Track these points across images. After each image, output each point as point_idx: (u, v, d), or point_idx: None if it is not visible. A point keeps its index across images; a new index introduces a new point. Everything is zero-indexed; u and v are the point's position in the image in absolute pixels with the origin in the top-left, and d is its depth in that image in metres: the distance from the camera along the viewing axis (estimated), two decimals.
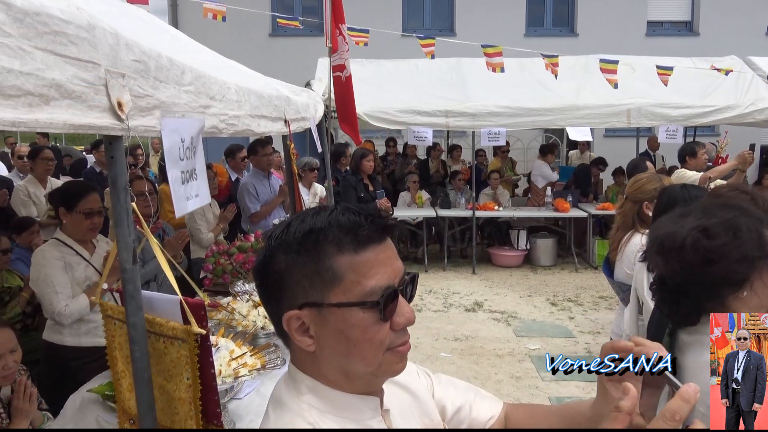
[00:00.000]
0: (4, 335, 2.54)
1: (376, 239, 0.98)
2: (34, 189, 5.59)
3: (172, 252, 4.05)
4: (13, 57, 1.04)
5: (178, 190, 1.72)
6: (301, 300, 0.97)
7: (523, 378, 5.10)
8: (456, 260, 9.37)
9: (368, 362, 0.98)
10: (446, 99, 8.41)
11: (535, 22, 14.17)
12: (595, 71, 7.96)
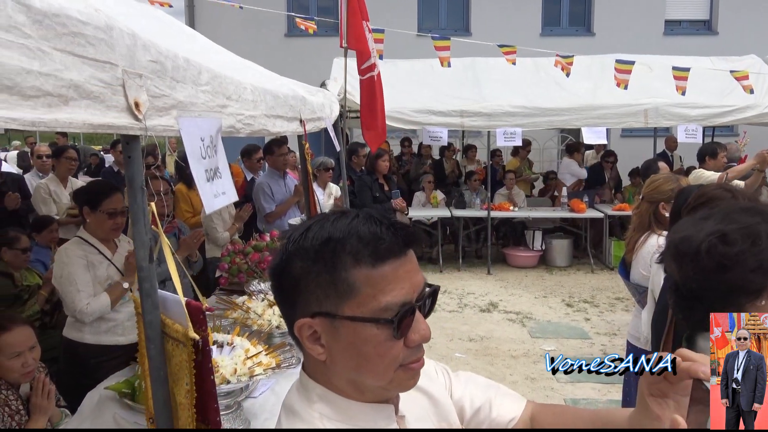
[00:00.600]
0: (24, 333, 2.57)
1: (397, 253, 0.93)
2: (55, 187, 5.66)
3: (188, 251, 4.09)
4: (33, 58, 1.05)
5: (205, 188, 1.73)
6: (314, 308, 0.94)
7: (538, 379, 5.07)
8: (471, 260, 9.34)
9: (379, 377, 0.96)
10: (461, 99, 8.38)
11: (552, 22, 14.08)
12: (612, 71, 7.90)
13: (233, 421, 2.37)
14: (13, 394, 2.53)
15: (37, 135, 16.79)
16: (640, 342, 3.20)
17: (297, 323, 0.96)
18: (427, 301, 0.98)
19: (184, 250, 4.07)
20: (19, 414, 2.51)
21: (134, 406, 2.54)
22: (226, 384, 2.24)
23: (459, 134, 12.03)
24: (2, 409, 2.45)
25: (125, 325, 3.25)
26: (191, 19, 13.45)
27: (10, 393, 2.52)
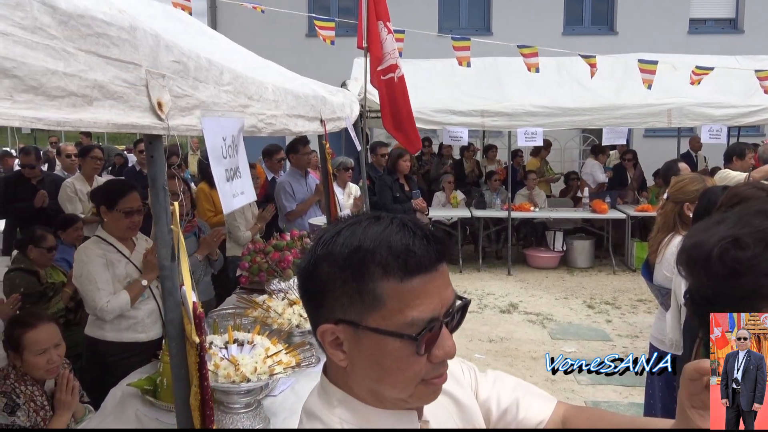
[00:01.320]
0: (49, 330, 2.61)
1: (427, 267, 0.90)
2: (81, 186, 5.74)
3: (208, 250, 4.12)
4: (58, 59, 1.07)
5: (224, 187, 1.74)
6: (338, 315, 0.92)
7: (559, 381, 5.03)
8: (491, 261, 9.30)
9: (399, 390, 0.93)
10: (482, 99, 8.34)
11: (574, 21, 13.96)
12: (635, 70, 7.81)
13: (253, 419, 2.38)
14: (38, 390, 2.57)
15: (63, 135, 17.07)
16: (665, 345, 3.15)
17: (320, 328, 0.94)
18: (456, 316, 0.95)
19: (204, 249, 4.10)
20: (43, 409, 2.55)
21: (156, 403, 2.56)
22: (246, 382, 2.25)
23: (480, 134, 11.97)
24: (28, 405, 2.49)
25: (145, 323, 3.29)
26: (213, 21, 13.57)
27: (35, 389, 2.56)
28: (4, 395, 2.46)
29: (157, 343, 3.29)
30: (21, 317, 2.71)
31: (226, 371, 2.24)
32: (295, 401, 2.62)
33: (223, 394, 2.33)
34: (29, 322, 2.59)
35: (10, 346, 2.56)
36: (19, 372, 2.56)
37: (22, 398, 2.49)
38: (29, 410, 2.49)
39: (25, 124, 0.99)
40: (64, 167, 6.82)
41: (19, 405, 2.46)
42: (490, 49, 8.05)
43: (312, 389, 1.06)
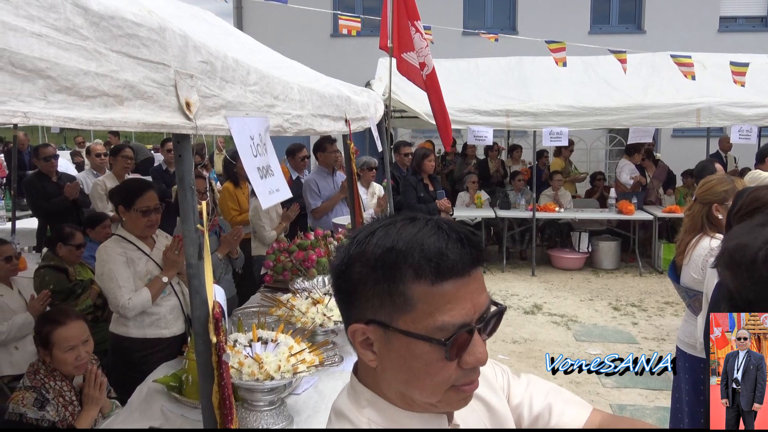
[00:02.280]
0: (78, 327, 2.65)
1: (460, 271, 0.88)
2: (112, 184, 5.83)
3: (228, 248, 4.16)
4: (90, 59, 1.08)
5: (260, 185, 1.75)
6: (369, 315, 0.92)
7: (583, 384, 4.98)
8: (515, 262, 9.24)
9: (428, 395, 0.92)
10: (507, 98, 8.29)
11: (601, 20, 13.80)
12: (663, 69, 7.71)
13: (276, 417, 2.40)
14: (67, 385, 2.61)
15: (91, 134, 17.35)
16: (696, 350, 3.08)
17: (351, 327, 0.94)
18: (489, 322, 0.93)
19: (225, 248, 4.14)
20: (72, 404, 2.59)
21: (181, 400, 2.59)
22: (270, 380, 2.26)
23: (504, 134, 11.91)
24: (57, 400, 2.53)
25: (167, 319, 3.33)
26: (239, 21, 13.69)
27: (64, 384, 2.60)
28: (34, 390, 2.51)
29: (180, 339, 3.33)
30: (50, 314, 2.75)
31: (251, 369, 2.26)
32: (318, 400, 2.63)
33: (247, 392, 2.35)
34: (58, 319, 2.63)
35: (40, 342, 2.61)
36: (48, 368, 2.60)
37: (51, 393, 2.54)
38: (58, 405, 2.53)
39: (58, 123, 1.01)
40: (93, 166, 6.93)
41: (48, 400, 2.50)
42: (514, 48, 8.00)
43: (342, 389, 1.06)
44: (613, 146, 13.12)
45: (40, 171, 6.14)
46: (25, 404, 2.45)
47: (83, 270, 4.38)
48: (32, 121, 0.95)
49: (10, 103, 0.91)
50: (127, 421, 2.51)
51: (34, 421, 2.43)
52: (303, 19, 9.82)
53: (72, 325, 2.62)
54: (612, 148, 13.22)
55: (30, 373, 2.60)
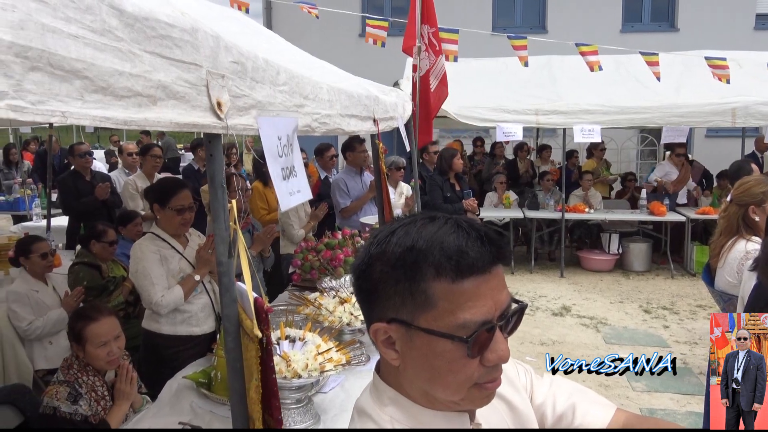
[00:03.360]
0: (110, 323, 2.70)
1: (481, 269, 0.89)
2: (142, 183, 5.93)
3: (261, 246, 4.19)
4: (125, 60, 1.10)
5: (281, 186, 1.76)
6: (390, 314, 0.92)
7: (613, 387, 4.91)
8: (543, 263, 9.15)
9: (450, 393, 0.92)
10: (536, 98, 8.21)
11: (633, 18, 13.59)
12: (696, 68, 7.54)
13: (303, 415, 2.42)
14: (99, 380, 2.66)
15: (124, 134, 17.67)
16: None
17: (373, 326, 0.95)
18: (511, 320, 0.93)
19: (258, 246, 4.18)
20: (104, 399, 2.64)
21: (210, 396, 2.63)
22: (298, 378, 2.28)
23: (533, 134, 11.80)
24: (89, 394, 2.58)
25: (199, 317, 3.37)
26: (268, 21, 13.80)
27: (96, 379, 2.65)
28: (67, 384, 2.56)
29: (210, 337, 3.37)
30: (83, 311, 2.80)
31: (278, 367, 2.27)
32: (345, 399, 2.64)
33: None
34: (91, 315, 2.69)
35: (74, 338, 2.66)
36: (81, 363, 2.65)
37: (84, 388, 2.59)
38: (91, 399, 2.58)
39: (94, 123, 1.03)
40: (126, 165, 7.05)
41: (81, 394, 2.55)
42: (544, 47, 7.92)
43: (365, 387, 1.06)
44: (644, 146, 12.92)
45: (74, 169, 6.27)
46: (59, 398, 2.51)
47: (116, 267, 4.46)
48: (69, 120, 0.97)
49: (49, 102, 0.93)
50: (158, 416, 2.55)
51: (68, 415, 2.48)
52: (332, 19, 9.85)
53: (104, 321, 2.67)
54: (643, 148, 13.01)
55: (64, 368, 2.66)
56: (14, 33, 0.85)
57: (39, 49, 0.90)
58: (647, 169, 12.01)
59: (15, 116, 0.86)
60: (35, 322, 3.76)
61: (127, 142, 11.26)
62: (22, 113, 0.87)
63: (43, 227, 6.50)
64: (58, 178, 6.34)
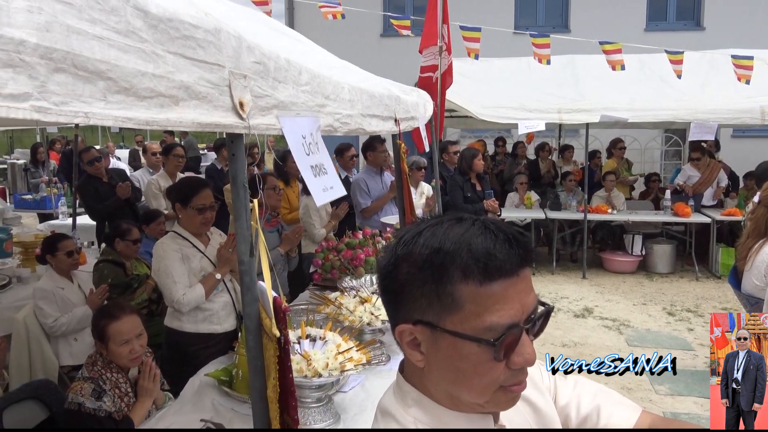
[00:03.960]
0: (131, 321, 2.72)
1: (508, 272, 0.88)
2: (165, 183, 5.99)
3: (289, 246, 4.21)
4: (148, 61, 1.11)
5: (313, 182, 1.77)
6: (416, 316, 0.91)
7: (636, 390, 4.85)
8: (565, 264, 9.07)
9: (476, 395, 0.92)
10: (559, 97, 8.15)
11: (657, 16, 13.40)
12: (723, 67, 7.42)
13: (324, 414, 2.42)
14: (122, 377, 2.69)
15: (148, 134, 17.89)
16: None
17: (398, 328, 0.94)
18: (537, 323, 0.92)
19: (287, 245, 4.19)
20: (127, 395, 2.67)
21: (231, 394, 2.64)
22: (318, 377, 2.28)
23: (556, 134, 11.70)
24: (113, 391, 2.61)
25: (220, 315, 3.39)
26: (290, 21, 13.86)
27: (119, 376, 2.68)
28: (91, 381, 2.60)
29: (231, 335, 3.39)
30: (105, 309, 2.83)
31: (299, 366, 2.28)
32: (365, 398, 2.64)
33: (296, 388, 2.37)
34: (113, 314, 2.71)
35: (97, 335, 2.69)
36: (105, 359, 2.68)
37: (108, 384, 2.62)
38: (114, 396, 2.61)
39: (117, 123, 1.04)
40: (149, 164, 7.13)
41: (105, 391, 2.59)
42: (567, 46, 7.85)
43: (387, 387, 1.06)
44: (668, 146, 12.74)
45: (89, 174, 6.29)
46: (84, 394, 2.54)
47: (139, 265, 4.51)
48: (92, 121, 0.99)
49: (73, 103, 0.94)
50: (180, 413, 2.58)
51: (92, 411, 2.52)
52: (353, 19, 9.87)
53: (126, 319, 2.70)
54: (668, 149, 12.83)
55: (88, 364, 2.69)
56: (40, 35, 0.86)
57: (64, 50, 0.91)
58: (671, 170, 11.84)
59: (39, 117, 0.87)
60: (60, 318, 3.82)
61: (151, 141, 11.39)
62: (45, 114, 0.89)
63: (69, 225, 6.60)
64: (77, 184, 6.37)
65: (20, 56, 0.83)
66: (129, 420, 2.60)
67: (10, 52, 0.82)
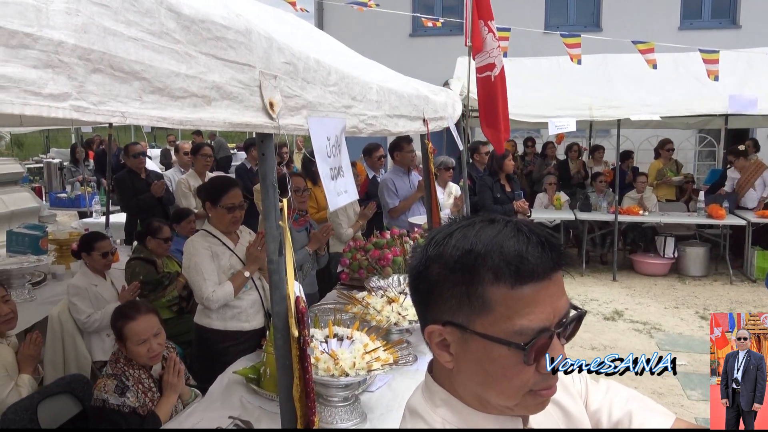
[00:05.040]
0: (148, 321, 2.73)
1: (540, 275, 0.86)
2: (194, 182, 6.08)
3: (318, 244, 4.24)
4: (181, 62, 1.13)
5: (329, 185, 1.78)
6: (446, 317, 0.91)
7: (667, 395, 4.77)
8: (595, 266, 8.95)
9: (505, 398, 0.91)
10: (590, 96, 8.04)
11: (692, 14, 13.14)
12: (760, 66, 7.24)
13: (350, 413, 2.43)
14: (144, 373, 2.72)
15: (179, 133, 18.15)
16: None
17: (428, 328, 0.94)
18: (569, 327, 0.91)
19: (315, 244, 4.22)
20: (151, 391, 2.70)
21: (259, 391, 2.67)
22: (345, 377, 2.29)
23: (586, 134, 11.56)
24: (136, 387, 2.65)
25: (248, 312, 3.43)
26: (320, 22, 13.94)
27: (142, 372, 2.71)
28: (115, 377, 2.63)
29: (260, 333, 3.43)
30: (122, 309, 2.85)
31: (326, 365, 2.30)
32: (392, 398, 2.64)
33: (323, 387, 2.39)
34: (129, 314, 2.73)
35: (116, 335, 2.73)
36: (127, 356, 2.72)
37: (131, 381, 2.65)
38: (137, 392, 2.64)
39: (152, 122, 1.06)
40: (181, 164, 7.25)
41: (128, 387, 2.62)
42: (599, 45, 7.74)
43: (415, 386, 1.06)
44: (702, 147, 12.50)
45: (130, 168, 6.48)
46: (107, 391, 2.58)
47: (170, 262, 4.58)
48: (128, 120, 1.01)
49: (110, 103, 0.96)
50: (208, 410, 2.61)
51: (116, 407, 2.55)
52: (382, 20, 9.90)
53: (141, 319, 2.70)
54: (701, 149, 12.59)
55: (111, 361, 2.73)
56: (78, 36, 0.88)
57: (101, 51, 0.93)
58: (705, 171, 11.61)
59: (78, 116, 0.89)
60: (93, 315, 3.90)
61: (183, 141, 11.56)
62: (84, 113, 0.91)
63: (102, 223, 6.73)
64: (115, 177, 6.57)
65: (59, 57, 0.86)
66: (155, 415, 2.63)
67: (50, 53, 0.84)
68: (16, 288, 4.36)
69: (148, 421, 2.59)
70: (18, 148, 21.30)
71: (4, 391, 2.95)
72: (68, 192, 9.69)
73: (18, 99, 0.81)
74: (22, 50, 0.81)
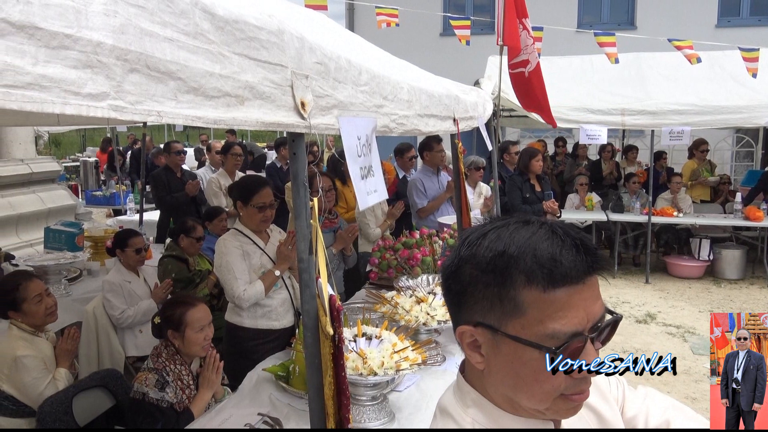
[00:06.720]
0: (205, 309, 2.84)
1: (574, 279, 0.85)
2: (225, 181, 6.16)
3: (343, 245, 4.25)
4: (215, 62, 1.15)
5: (359, 185, 1.78)
6: (478, 318, 0.91)
7: (700, 400, 4.67)
8: (627, 268, 8.82)
9: (535, 402, 0.90)
10: (623, 96, 7.92)
11: (730, 11, 12.83)
12: None
13: (378, 412, 2.43)
14: (185, 369, 2.77)
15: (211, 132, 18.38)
16: None
17: (459, 329, 0.94)
18: (603, 331, 0.90)
19: (340, 244, 4.24)
20: (189, 388, 2.75)
21: (288, 389, 2.69)
22: (373, 376, 2.29)
23: (619, 134, 11.39)
24: (176, 383, 2.70)
25: (278, 311, 3.46)
26: (351, 22, 13.99)
27: (183, 368, 2.77)
28: (156, 372, 2.69)
29: (289, 331, 3.45)
30: (180, 298, 2.95)
31: (355, 364, 2.30)
32: (420, 398, 2.64)
33: (351, 386, 2.39)
34: (189, 302, 2.83)
35: (172, 325, 2.78)
36: (169, 351, 2.77)
37: (171, 376, 2.70)
38: (176, 388, 2.69)
39: (187, 122, 1.07)
40: (212, 163, 7.34)
41: (168, 382, 2.67)
42: (632, 44, 7.62)
43: (448, 386, 1.05)
44: (740, 147, 12.21)
45: (167, 166, 6.60)
46: (148, 384, 2.63)
47: (202, 261, 4.64)
48: (164, 119, 1.02)
49: (146, 102, 0.98)
50: (238, 407, 2.64)
51: (155, 401, 2.60)
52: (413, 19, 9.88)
53: (200, 307, 2.82)
54: (739, 150, 12.30)
55: (153, 356, 2.79)
56: (115, 37, 0.90)
57: (137, 51, 0.95)
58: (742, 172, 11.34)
59: (116, 116, 0.91)
60: (127, 311, 3.97)
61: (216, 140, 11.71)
62: (122, 113, 0.93)
63: (136, 221, 6.86)
64: (152, 173, 6.72)
65: (98, 57, 0.87)
66: (189, 411, 2.67)
67: (89, 53, 0.86)
68: (52, 284, 4.47)
69: (182, 417, 2.64)
70: (55, 146, 21.83)
71: (42, 384, 3.02)
72: (103, 190, 9.89)
73: (59, 99, 0.83)
74: (62, 51, 0.83)
